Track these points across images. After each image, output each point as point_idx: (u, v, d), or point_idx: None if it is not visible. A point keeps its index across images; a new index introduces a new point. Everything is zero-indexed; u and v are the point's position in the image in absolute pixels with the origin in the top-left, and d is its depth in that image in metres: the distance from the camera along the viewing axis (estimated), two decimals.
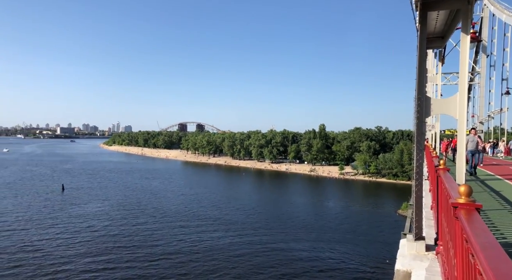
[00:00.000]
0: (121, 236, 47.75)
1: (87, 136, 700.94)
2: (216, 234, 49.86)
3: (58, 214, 58.53)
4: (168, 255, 40.86)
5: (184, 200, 73.94)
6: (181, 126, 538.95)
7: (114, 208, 64.36)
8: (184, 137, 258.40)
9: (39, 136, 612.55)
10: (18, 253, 39.62)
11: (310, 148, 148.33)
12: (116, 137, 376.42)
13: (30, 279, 33.27)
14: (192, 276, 34.82)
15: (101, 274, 35.44)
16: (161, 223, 54.59)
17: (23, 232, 47.65)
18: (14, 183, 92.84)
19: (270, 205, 72.28)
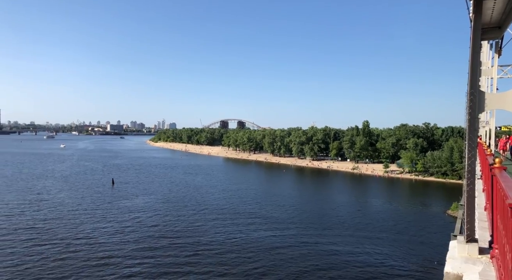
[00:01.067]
0: (165, 227, 49.77)
1: (134, 133, 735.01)
2: (256, 228, 50.35)
3: (108, 207, 62.12)
4: (209, 247, 42.03)
5: (225, 195, 75.36)
6: (222, 123, 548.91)
7: (160, 202, 67.08)
8: (225, 134, 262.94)
9: (91, 133, 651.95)
10: (73, 241, 42.66)
11: (353, 145, 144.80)
12: (161, 134, 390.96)
13: (84, 263, 35.72)
14: (231, 267, 35.50)
15: (145, 261, 37.35)
16: (203, 217, 56.08)
17: (77, 222, 51.17)
18: (69, 176, 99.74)
19: (311, 202, 71.62)
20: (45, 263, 35.97)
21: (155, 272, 34.90)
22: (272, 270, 35.72)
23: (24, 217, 53.71)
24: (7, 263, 35.47)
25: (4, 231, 46.01)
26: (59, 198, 68.65)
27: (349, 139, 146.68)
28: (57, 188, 79.95)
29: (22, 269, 34.14)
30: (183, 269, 35.65)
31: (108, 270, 35.11)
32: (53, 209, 59.42)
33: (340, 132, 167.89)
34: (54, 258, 37.40)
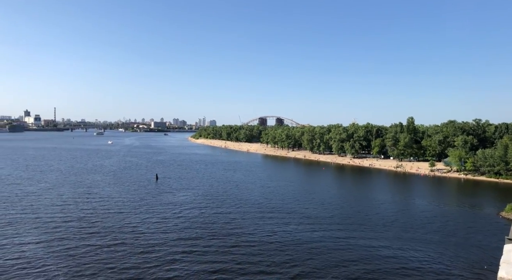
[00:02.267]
0: (206, 221, 51.00)
1: (176, 130, 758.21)
2: (294, 225, 50.15)
3: (153, 200, 64.74)
4: (247, 241, 42.57)
5: (264, 192, 75.73)
6: (261, 120, 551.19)
7: (201, 197, 68.81)
8: (264, 131, 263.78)
9: (136, 130, 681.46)
10: (120, 231, 44.99)
11: (396, 143, 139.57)
12: (202, 131, 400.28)
13: (130, 252, 37.60)
14: (267, 262, 35.63)
15: (186, 250, 38.82)
16: (242, 212, 56.75)
17: (124, 214, 53.85)
18: (117, 171, 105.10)
19: (351, 200, 70.05)
20: (94, 251, 38.32)
21: (195, 261, 36.12)
22: (310, 267, 35.43)
23: (76, 208, 57.45)
24: (60, 251, 38.15)
25: (59, 221, 49.47)
26: (107, 191, 72.60)
27: (393, 136, 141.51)
28: (105, 182, 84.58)
29: (74, 256, 36.61)
30: (221, 261, 36.57)
31: (152, 258, 36.86)
32: (102, 201, 62.97)
33: (383, 129, 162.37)
34: (102, 247, 39.76)
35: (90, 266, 34.68)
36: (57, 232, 44.89)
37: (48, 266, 34.28)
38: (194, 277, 32.83)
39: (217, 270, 34.48)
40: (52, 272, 32.98)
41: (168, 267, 34.98)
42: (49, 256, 36.81)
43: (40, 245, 40.08)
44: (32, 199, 63.72)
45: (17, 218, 50.65)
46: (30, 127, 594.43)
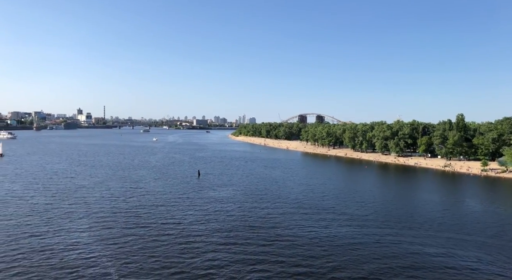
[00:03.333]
0: (245, 216, 51.62)
1: (217, 127, 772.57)
2: (333, 222, 49.34)
3: (195, 195, 66.57)
4: (284, 237, 42.54)
5: (303, 189, 75.11)
6: (301, 118, 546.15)
7: (241, 193, 69.67)
8: (303, 128, 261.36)
9: (179, 127, 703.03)
10: (164, 224, 46.78)
11: (444, 141, 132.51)
12: (242, 128, 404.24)
13: (173, 243, 39.03)
14: (304, 259, 35.30)
15: (225, 246, 39.46)
16: (281, 209, 56.71)
17: (168, 208, 55.90)
18: (161, 167, 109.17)
19: (394, 199, 67.52)
20: (140, 240, 40.22)
21: (234, 253, 36.95)
22: (348, 266, 34.76)
23: (123, 201, 60.50)
24: (108, 240, 40.45)
25: (108, 212, 52.42)
26: (152, 186, 75.70)
27: (441, 134, 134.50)
28: (151, 177, 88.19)
29: (121, 245, 38.69)
30: (259, 254, 37.31)
31: (193, 249, 38.31)
32: (147, 195, 65.78)
33: (430, 127, 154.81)
34: (147, 237, 41.64)
35: (136, 254, 36.59)
36: (106, 222, 47.63)
37: (98, 253, 36.53)
38: (233, 268, 33.65)
39: (255, 262, 35.20)
40: (101, 259, 35.18)
41: (208, 257, 36.16)
42: (98, 244, 39.20)
43: (91, 234, 42.72)
44: (84, 192, 67.97)
45: (71, 209, 54.32)
46: (82, 125, 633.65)
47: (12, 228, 44.51)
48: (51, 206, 55.84)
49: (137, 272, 32.59)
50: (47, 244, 39.11)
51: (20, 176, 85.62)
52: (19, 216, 50.08)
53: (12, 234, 42.02)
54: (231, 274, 32.71)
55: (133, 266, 33.99)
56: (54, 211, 52.83)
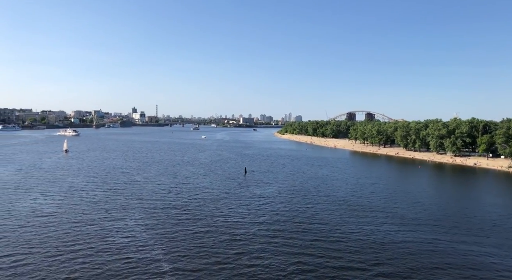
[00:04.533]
0: (290, 214, 51.48)
1: (263, 125, 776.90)
2: (381, 223, 47.67)
3: (242, 192, 67.61)
4: (330, 236, 41.85)
5: (350, 189, 73.15)
6: (349, 115, 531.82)
7: (287, 190, 69.52)
8: (352, 126, 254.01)
9: (226, 125, 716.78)
10: (210, 219, 48.04)
11: (509, 140, 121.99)
12: (288, 126, 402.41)
13: (218, 239, 39.93)
14: (350, 259, 34.34)
15: (270, 242, 39.85)
16: (327, 207, 55.75)
17: (215, 204, 57.33)
18: (209, 164, 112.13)
19: (451, 202, 63.40)
20: (189, 234, 41.74)
21: (279, 250, 37.16)
22: (396, 267, 33.45)
23: (174, 196, 63.07)
24: (159, 232, 42.46)
25: (159, 206, 54.94)
26: (201, 182, 78.05)
27: (504, 133, 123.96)
28: (199, 173, 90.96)
29: (170, 238, 40.42)
30: (303, 252, 37.21)
31: (239, 244, 39.21)
32: (196, 191, 67.94)
33: (492, 125, 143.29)
34: (195, 231, 43.13)
35: (184, 245, 38.30)
36: (158, 214, 50.05)
37: (149, 242, 38.63)
38: (277, 263, 34.00)
39: (299, 260, 35.14)
40: (151, 248, 37.20)
41: (254, 252, 36.92)
42: (150, 234, 41.42)
43: (143, 225, 45.12)
44: (138, 186, 71.81)
45: (126, 202, 57.69)
46: (136, 123, 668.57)
47: (76, 217, 48.34)
48: (108, 199, 59.76)
49: (184, 262, 34.14)
50: (105, 233, 41.99)
51: (81, 170, 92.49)
52: (82, 207, 54.26)
53: (76, 222, 45.62)
54: (275, 268, 33.17)
55: (181, 255, 35.70)
56: (112, 203, 56.49)
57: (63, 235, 41.06)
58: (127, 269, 32.35)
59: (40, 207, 53.85)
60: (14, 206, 54.15)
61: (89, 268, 32.38)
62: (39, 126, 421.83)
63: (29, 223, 45.31)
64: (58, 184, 72.64)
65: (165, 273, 31.93)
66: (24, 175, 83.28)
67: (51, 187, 69.42)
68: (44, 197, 60.69)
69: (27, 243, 38.30)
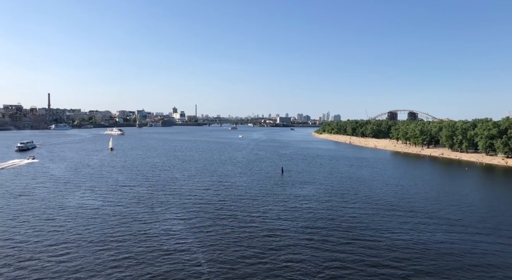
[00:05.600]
0: (327, 214, 50.63)
1: (300, 124, 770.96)
2: (423, 226, 45.65)
3: (278, 191, 67.51)
4: (368, 237, 40.75)
5: (391, 190, 70.59)
6: (390, 114, 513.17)
7: (324, 190, 68.47)
8: (394, 126, 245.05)
9: (263, 124, 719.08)
10: (247, 216, 48.45)
11: None
12: (325, 125, 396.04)
13: (254, 235, 40.12)
14: (386, 260, 33.07)
15: (305, 241, 39.65)
16: (366, 208, 54.19)
17: (251, 202, 57.71)
18: (246, 163, 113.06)
19: (501, 206, 59.18)
20: (226, 230, 42.42)
21: (315, 248, 36.92)
22: (436, 270, 32.04)
23: (212, 193, 64.29)
24: (198, 227, 43.50)
25: (198, 203, 56.24)
26: (238, 180, 78.90)
27: None
28: (237, 172, 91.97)
29: (208, 233, 41.26)
30: (339, 251, 37.02)
31: (275, 241, 39.52)
32: (233, 189, 68.81)
33: None
34: (233, 227, 43.84)
35: (221, 242, 39.07)
36: (196, 211, 51.23)
37: (187, 239, 39.70)
38: (312, 263, 33.94)
39: (335, 258, 35.10)
40: (190, 244, 38.28)
41: (289, 250, 37.01)
42: (188, 231, 42.56)
43: (182, 221, 46.42)
44: (178, 183, 73.94)
45: (166, 199, 59.62)
46: (176, 122, 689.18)
47: (120, 211, 50.77)
48: (150, 195, 62.10)
49: (221, 258, 34.86)
50: (147, 227, 43.81)
51: (125, 168, 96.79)
52: (125, 201, 56.88)
53: (120, 216, 47.91)
54: (310, 265, 33.26)
55: (218, 249, 36.74)
56: (153, 199, 58.68)
57: (108, 228, 43.32)
58: (167, 261, 33.76)
59: (87, 201, 57.09)
60: (64, 200, 57.85)
61: (131, 259, 34.14)
62: (86, 125, 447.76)
63: (77, 216, 48.24)
64: (103, 180, 76.59)
65: (202, 265, 33.06)
66: (73, 171, 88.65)
67: (97, 183, 73.33)
68: (91, 192, 64.25)
69: (76, 234, 40.83)
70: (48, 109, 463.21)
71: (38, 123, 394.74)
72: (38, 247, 37.00)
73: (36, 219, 46.92)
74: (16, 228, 42.92)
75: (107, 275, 30.87)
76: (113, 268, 32.31)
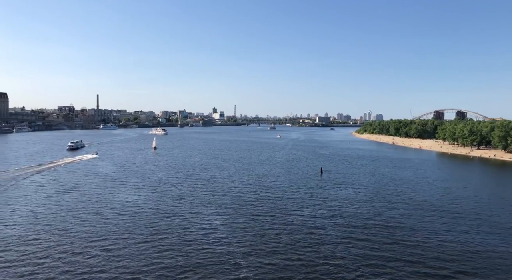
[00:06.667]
0: (368, 215, 49.49)
1: (340, 124, 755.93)
2: (471, 229, 43.58)
3: (317, 191, 66.76)
4: (410, 240, 39.02)
5: (437, 192, 67.22)
6: (436, 114, 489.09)
7: (365, 191, 66.74)
8: (440, 125, 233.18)
9: (302, 124, 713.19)
10: (286, 215, 48.35)
11: None
12: (367, 125, 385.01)
13: (294, 233, 39.93)
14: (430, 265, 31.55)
15: (346, 239, 39.15)
16: (409, 210, 52.10)
17: (290, 201, 57.55)
18: (284, 163, 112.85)
19: None
20: (264, 228, 42.72)
21: (355, 247, 36.80)
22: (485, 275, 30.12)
23: (250, 192, 64.96)
24: (236, 225, 44.16)
25: (236, 202, 57.02)
26: (276, 180, 79.00)
27: None
28: (275, 172, 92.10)
29: (247, 231, 41.77)
30: (379, 250, 36.52)
31: (313, 241, 39.41)
32: (272, 188, 69.03)
33: None
34: (271, 225, 44.16)
35: (259, 239, 39.55)
36: (234, 211, 51.93)
37: (225, 235, 40.59)
38: (351, 264, 33.43)
39: (375, 261, 34.25)
40: (228, 239, 39.09)
41: (327, 250, 36.76)
42: (227, 229, 43.21)
43: (221, 220, 47.20)
44: (216, 182, 75.39)
45: (205, 197, 61.02)
46: (216, 122, 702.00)
47: (162, 208, 52.80)
48: (190, 193, 63.92)
49: (260, 254, 35.46)
50: (187, 224, 45.20)
51: (167, 166, 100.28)
52: (167, 199, 59.03)
53: (162, 213, 49.84)
54: (349, 267, 32.74)
55: (256, 248, 37.00)
56: (193, 197, 60.36)
57: (150, 224, 45.26)
58: (207, 255, 34.95)
59: (132, 198, 59.89)
60: (111, 196, 61.08)
61: (173, 252, 35.72)
62: (132, 125, 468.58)
63: (122, 212, 50.75)
64: (147, 178, 79.88)
65: (241, 260, 33.84)
66: (119, 169, 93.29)
67: (141, 180, 76.64)
68: (135, 189, 67.28)
69: (122, 228, 43.10)
70: (97, 110, 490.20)
71: (88, 123, 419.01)
72: (89, 238, 39.61)
73: (87, 213, 50.01)
74: (70, 221, 46.05)
75: (151, 265, 32.57)
76: (156, 259, 33.97)
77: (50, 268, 31.94)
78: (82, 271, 31.30)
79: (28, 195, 60.60)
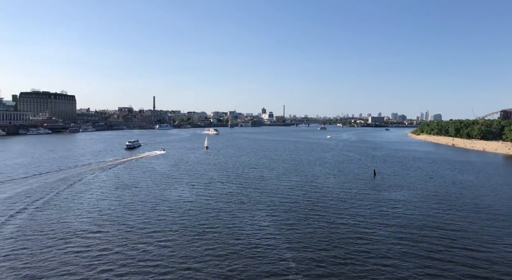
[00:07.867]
0: (424, 219, 46.74)
1: (395, 124, 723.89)
2: None
3: (370, 194, 64.58)
4: (470, 247, 36.04)
5: (502, 197, 61.66)
6: (504, 114, 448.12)
7: (421, 196, 63.26)
8: (508, 126, 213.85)
9: (353, 125, 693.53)
10: (336, 217, 47.32)
11: None
12: (424, 126, 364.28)
13: (344, 237, 39.06)
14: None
15: (397, 245, 37.26)
16: (468, 216, 48.49)
17: (341, 203, 56.33)
18: (335, 164, 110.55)
19: None
20: (314, 228, 42.32)
21: (406, 253, 35.38)
22: None
23: (299, 193, 64.56)
24: (284, 225, 44.12)
25: (285, 202, 57.05)
26: (326, 181, 77.71)
27: None
28: (325, 173, 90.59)
29: (295, 230, 41.61)
30: (433, 258, 34.73)
31: (365, 244, 38.38)
32: (322, 189, 68.03)
33: None
34: (321, 225, 43.50)
35: (308, 240, 39.27)
36: (283, 210, 52.01)
37: (275, 234, 40.76)
38: (403, 267, 32.67)
39: (428, 265, 33.24)
40: (277, 240, 39.19)
41: (379, 254, 35.69)
42: (276, 228, 43.55)
43: (269, 219, 47.54)
44: (265, 182, 75.92)
45: (254, 196, 61.72)
46: (265, 122, 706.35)
47: (213, 206, 54.44)
48: (240, 192, 65.05)
49: (308, 255, 35.21)
50: (236, 221, 46.13)
51: (218, 165, 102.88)
52: (218, 197, 60.68)
53: (213, 210, 51.36)
54: (400, 270, 31.95)
55: (305, 249, 36.88)
56: (242, 196, 61.40)
57: (202, 220, 46.91)
58: (256, 254, 35.45)
59: (185, 195, 62.37)
60: (166, 192, 64.10)
61: (221, 250, 36.58)
62: (185, 125, 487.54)
63: (175, 208, 53.11)
64: (199, 176, 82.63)
65: (290, 260, 33.88)
66: (174, 167, 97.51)
67: (194, 178, 79.46)
68: (188, 187, 69.93)
69: (175, 224, 45.16)
70: (153, 111, 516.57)
71: (145, 123, 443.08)
72: (145, 232, 42.02)
73: (144, 208, 52.99)
74: (128, 215, 49.14)
75: (202, 260, 33.78)
76: (207, 255, 35.15)
77: (111, 258, 34.39)
78: (139, 263, 33.30)
79: (92, 189, 65.68)
